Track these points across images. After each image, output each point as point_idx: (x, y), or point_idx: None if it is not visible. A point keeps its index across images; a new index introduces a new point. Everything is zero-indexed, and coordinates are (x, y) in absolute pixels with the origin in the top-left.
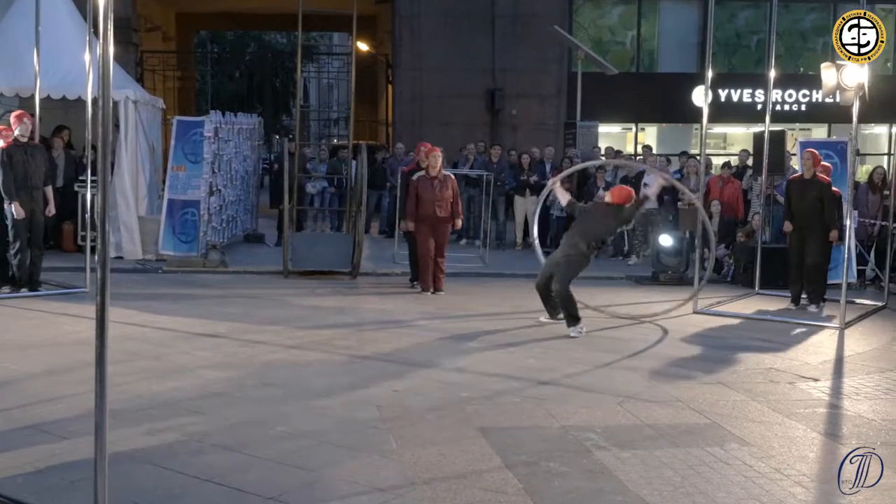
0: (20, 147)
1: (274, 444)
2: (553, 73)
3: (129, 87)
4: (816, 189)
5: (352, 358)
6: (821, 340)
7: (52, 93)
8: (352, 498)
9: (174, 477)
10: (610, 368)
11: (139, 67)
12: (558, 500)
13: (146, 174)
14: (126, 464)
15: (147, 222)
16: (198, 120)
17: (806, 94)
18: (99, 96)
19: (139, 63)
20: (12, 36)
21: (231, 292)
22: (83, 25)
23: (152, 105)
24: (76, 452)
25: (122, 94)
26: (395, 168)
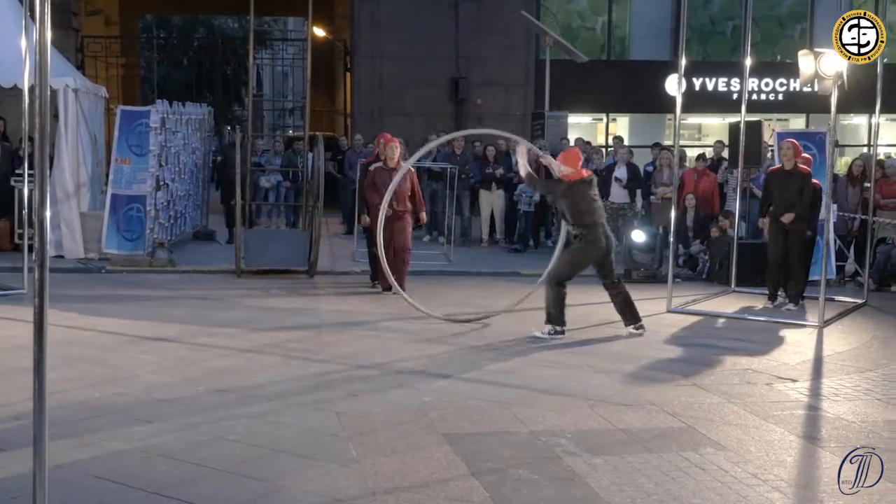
0: None
1: (226, 454)
2: (520, 60)
3: (69, 75)
4: (798, 180)
5: (309, 362)
6: (799, 340)
7: None
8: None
9: (120, 490)
10: (580, 370)
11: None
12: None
13: (88, 168)
14: (68, 477)
15: (89, 219)
16: (143, 110)
17: (783, 82)
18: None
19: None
20: None
21: (180, 293)
22: (18, 8)
23: (94, 94)
24: (14, 465)
25: (62, 82)
26: (354, 161)
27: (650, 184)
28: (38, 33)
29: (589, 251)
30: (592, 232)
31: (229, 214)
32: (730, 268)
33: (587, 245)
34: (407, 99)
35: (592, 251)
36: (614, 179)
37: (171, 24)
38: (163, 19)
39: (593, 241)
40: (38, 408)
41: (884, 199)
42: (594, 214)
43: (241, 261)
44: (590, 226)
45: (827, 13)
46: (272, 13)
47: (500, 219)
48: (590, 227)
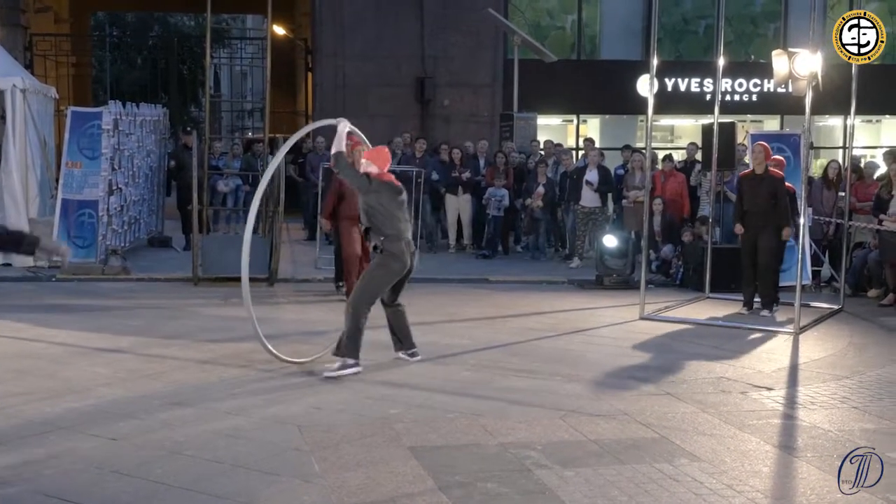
0: None
1: (183, 470)
2: (487, 60)
3: (17, 75)
4: (769, 185)
5: (269, 373)
6: (774, 347)
7: None
8: None
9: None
10: (551, 380)
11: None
12: None
13: (37, 171)
14: (16, 495)
15: (38, 225)
16: (95, 111)
17: (757, 83)
18: None
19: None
20: None
21: (134, 302)
22: None
23: (44, 94)
24: None
25: (9, 81)
26: (316, 164)
27: (622, 187)
28: None
29: (390, 266)
30: (395, 244)
31: (186, 220)
32: (703, 273)
33: (387, 259)
34: (371, 99)
35: (394, 266)
36: (585, 183)
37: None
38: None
39: (395, 255)
40: None
41: (860, 203)
42: (400, 225)
43: (199, 268)
44: (392, 237)
45: (801, 12)
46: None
47: (467, 224)
48: (392, 238)
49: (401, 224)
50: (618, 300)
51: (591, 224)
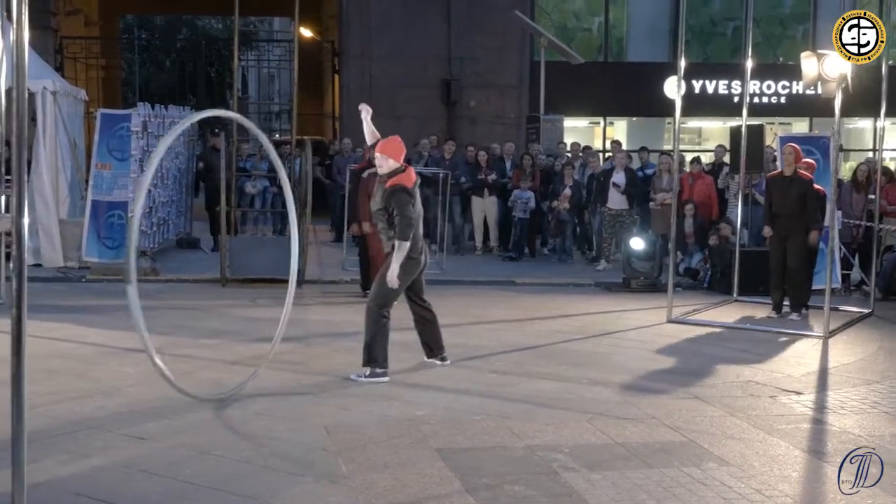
0: None
1: (212, 470)
2: (514, 61)
3: (48, 77)
4: (798, 187)
5: (298, 374)
6: (804, 351)
7: None
8: None
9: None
10: (578, 383)
11: (59, 55)
12: None
13: (67, 173)
14: (48, 495)
15: (69, 226)
16: (124, 113)
17: (786, 85)
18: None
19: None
20: None
21: (163, 303)
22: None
23: (73, 96)
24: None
25: (40, 84)
26: (343, 166)
27: (649, 189)
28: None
29: (405, 266)
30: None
31: (214, 221)
32: (732, 276)
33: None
34: (397, 101)
35: (408, 266)
36: (612, 185)
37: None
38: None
39: (409, 255)
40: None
41: (890, 206)
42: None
43: (227, 269)
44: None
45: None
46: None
47: (493, 226)
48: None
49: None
50: (645, 303)
51: (617, 226)
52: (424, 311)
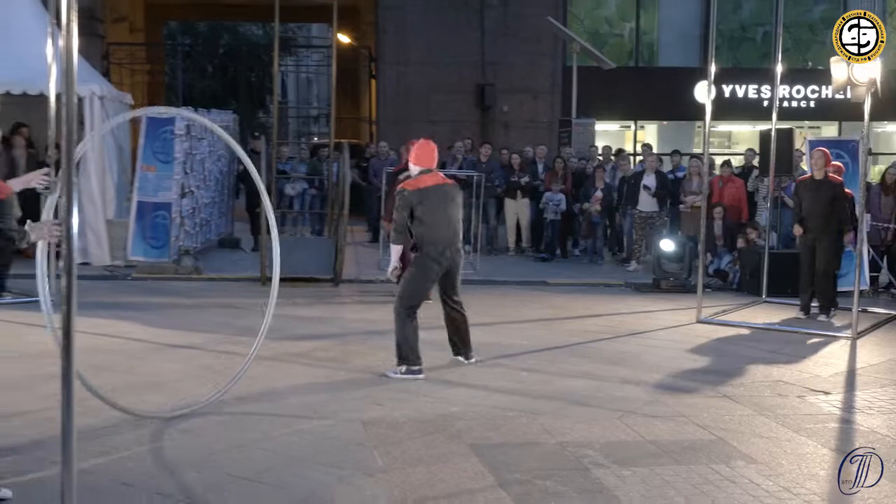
0: None
1: (251, 462)
2: (547, 67)
3: (95, 82)
4: (828, 190)
5: (335, 371)
6: (832, 351)
7: (12, 88)
8: None
9: (147, 497)
10: (609, 381)
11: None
12: None
13: (114, 175)
14: (96, 483)
15: (115, 226)
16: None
17: (815, 89)
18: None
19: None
20: None
21: (205, 301)
22: (44, 16)
23: (120, 101)
24: (42, 472)
25: (88, 89)
26: (379, 168)
27: (679, 192)
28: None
29: (427, 266)
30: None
31: (254, 222)
32: (761, 278)
33: (424, 259)
34: (432, 105)
35: (432, 266)
36: (643, 187)
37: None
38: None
39: (432, 256)
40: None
41: None
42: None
43: (266, 269)
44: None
45: None
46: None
47: (526, 227)
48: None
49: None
50: (675, 303)
51: (648, 228)
52: (455, 311)
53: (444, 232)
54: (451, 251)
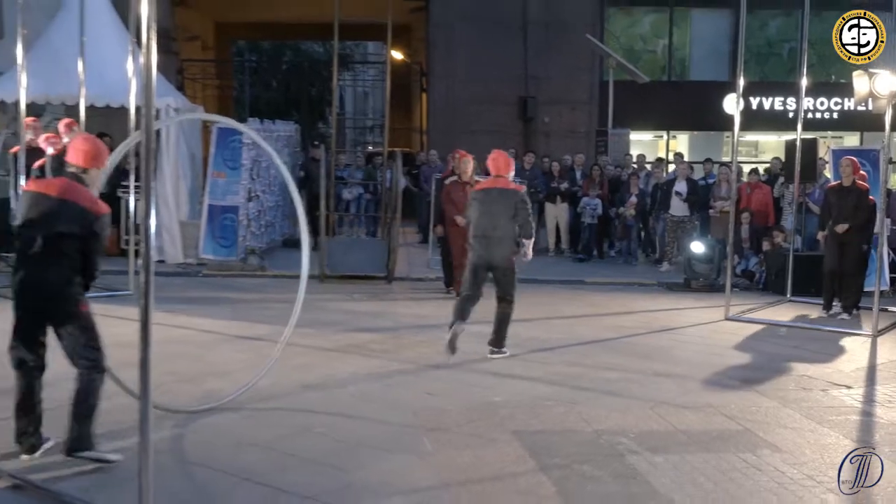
0: None
1: (311, 445)
2: (585, 80)
3: (170, 96)
4: (855, 196)
5: (388, 361)
6: (853, 348)
7: (96, 101)
8: (388, 499)
9: (215, 476)
10: (642, 374)
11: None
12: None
13: (187, 180)
14: (167, 462)
15: (188, 227)
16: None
17: (838, 101)
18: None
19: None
20: (58, 46)
21: (269, 296)
22: (126, 35)
23: (192, 112)
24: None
25: (164, 102)
26: (429, 175)
27: (709, 198)
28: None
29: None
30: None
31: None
32: (786, 278)
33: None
34: (479, 117)
35: (471, 256)
36: (675, 193)
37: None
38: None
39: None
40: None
41: None
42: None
43: (325, 267)
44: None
45: None
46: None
47: (564, 230)
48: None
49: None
50: (704, 302)
51: (679, 231)
52: (498, 304)
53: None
54: (483, 243)
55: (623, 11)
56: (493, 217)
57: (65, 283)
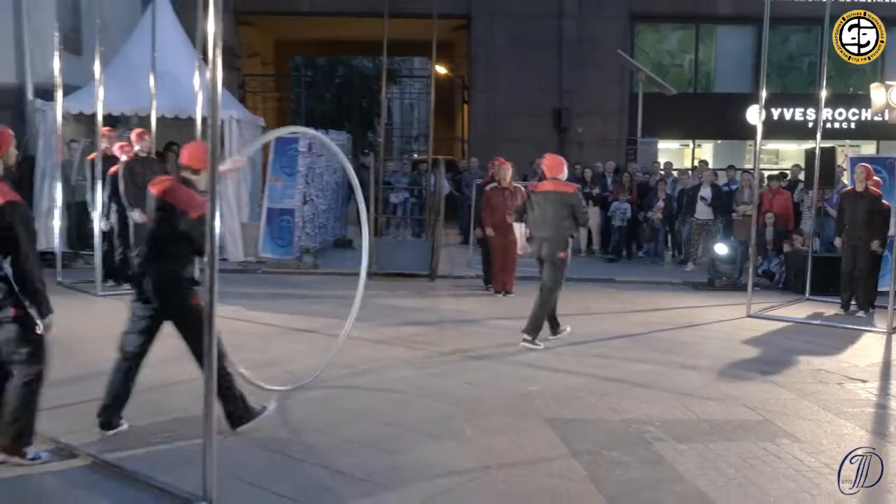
0: (139, 161)
1: (364, 430)
2: (616, 93)
3: (233, 108)
4: (867, 201)
5: (432, 353)
6: (868, 344)
7: (166, 112)
8: (432, 480)
9: (275, 457)
10: (668, 367)
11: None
12: (620, 488)
13: (247, 184)
14: (232, 442)
15: (248, 228)
16: (293, 137)
17: (855, 112)
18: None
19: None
20: (132, 62)
21: (323, 292)
22: (193, 52)
23: (253, 123)
24: (189, 432)
25: (227, 113)
26: (470, 181)
27: (732, 202)
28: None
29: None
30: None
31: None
32: (805, 278)
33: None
34: (516, 127)
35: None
36: (700, 198)
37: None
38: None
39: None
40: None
41: None
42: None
43: (374, 265)
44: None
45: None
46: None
47: (596, 232)
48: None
49: (535, 219)
50: (727, 300)
51: (704, 234)
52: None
53: (538, 225)
54: (538, 240)
55: (652, 28)
56: (549, 216)
57: (173, 279)
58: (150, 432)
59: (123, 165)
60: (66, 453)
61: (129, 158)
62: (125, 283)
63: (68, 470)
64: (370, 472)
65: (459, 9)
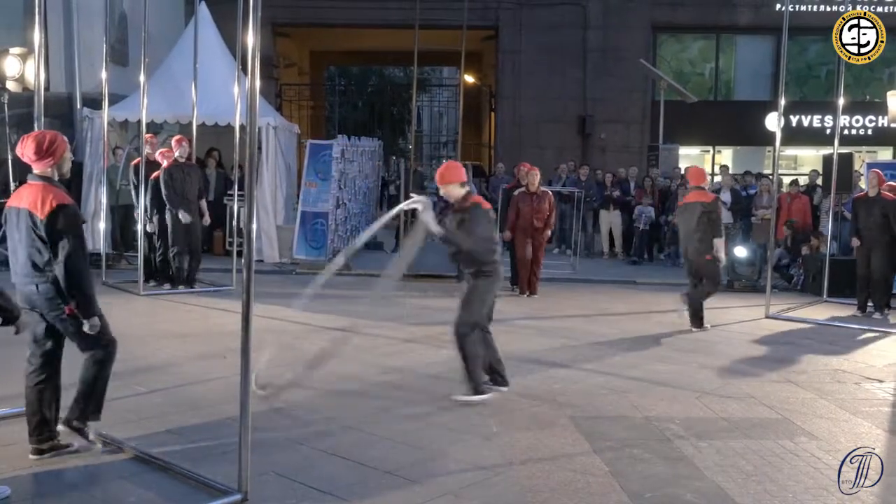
0: (179, 167)
1: (392, 425)
2: (638, 100)
3: (270, 115)
4: (880, 206)
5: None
6: (885, 345)
7: (206, 120)
8: (458, 474)
9: (307, 451)
10: (688, 366)
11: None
12: (641, 483)
13: (283, 189)
14: (266, 437)
15: (283, 231)
16: (327, 143)
17: (872, 119)
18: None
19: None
20: (174, 73)
21: (354, 292)
22: (232, 63)
23: (289, 130)
24: (224, 426)
25: (265, 121)
26: (497, 186)
27: (751, 206)
28: (249, 83)
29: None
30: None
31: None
32: (822, 280)
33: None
34: (541, 134)
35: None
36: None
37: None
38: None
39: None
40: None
41: None
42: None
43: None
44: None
45: None
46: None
47: (618, 235)
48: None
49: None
50: (746, 301)
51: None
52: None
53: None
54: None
55: (673, 38)
56: (688, 225)
57: None
58: (184, 424)
59: (164, 171)
60: (112, 446)
61: (168, 164)
62: (165, 284)
63: (114, 462)
64: (398, 466)
65: (488, 20)
